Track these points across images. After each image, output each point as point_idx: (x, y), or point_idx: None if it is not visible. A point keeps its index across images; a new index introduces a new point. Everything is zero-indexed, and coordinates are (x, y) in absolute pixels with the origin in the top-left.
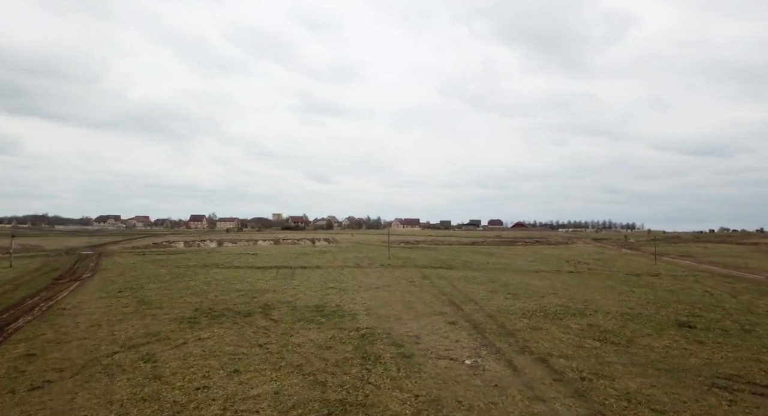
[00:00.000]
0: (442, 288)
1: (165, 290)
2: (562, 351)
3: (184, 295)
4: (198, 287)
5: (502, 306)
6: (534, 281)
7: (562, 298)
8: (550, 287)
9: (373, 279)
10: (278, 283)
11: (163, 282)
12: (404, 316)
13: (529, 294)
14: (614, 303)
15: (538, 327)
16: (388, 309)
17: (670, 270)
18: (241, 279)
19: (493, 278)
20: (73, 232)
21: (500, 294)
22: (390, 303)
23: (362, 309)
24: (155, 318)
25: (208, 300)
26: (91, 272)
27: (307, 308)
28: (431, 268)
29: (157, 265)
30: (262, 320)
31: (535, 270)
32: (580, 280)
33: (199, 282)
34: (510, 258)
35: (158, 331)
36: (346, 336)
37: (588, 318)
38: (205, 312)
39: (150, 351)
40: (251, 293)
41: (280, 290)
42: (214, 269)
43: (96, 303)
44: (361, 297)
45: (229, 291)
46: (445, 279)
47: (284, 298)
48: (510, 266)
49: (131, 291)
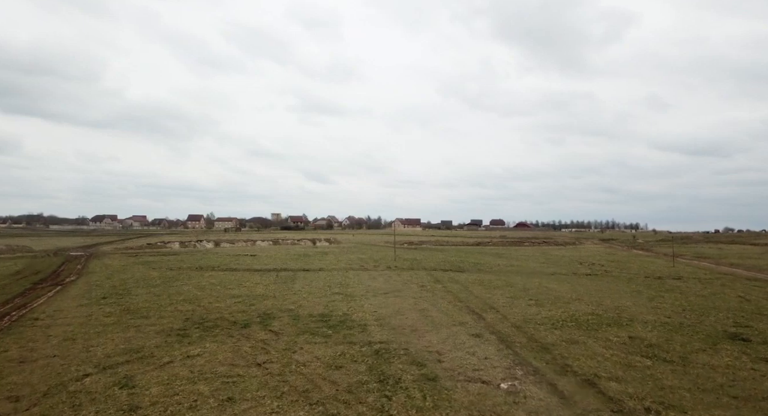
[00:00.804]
0: (456, 293)
1: (154, 296)
2: (611, 372)
3: (175, 302)
4: (190, 292)
5: (527, 315)
6: (553, 285)
7: (590, 305)
8: (572, 292)
9: (381, 283)
10: (278, 288)
11: (153, 287)
12: (421, 327)
13: (552, 300)
14: (648, 311)
15: (573, 340)
16: (402, 319)
17: (691, 273)
18: (238, 284)
19: (509, 282)
20: (67, 232)
21: (522, 301)
22: (402, 311)
23: (373, 318)
24: (139, 330)
25: (200, 307)
26: (76, 275)
27: (311, 317)
28: (441, 271)
29: (149, 268)
30: (260, 332)
31: (551, 272)
32: (602, 284)
33: (192, 286)
34: (520, 259)
35: (141, 347)
36: (358, 352)
37: (626, 328)
38: (197, 322)
39: (129, 373)
40: (249, 300)
41: (281, 296)
42: (209, 272)
43: (75, 312)
44: (370, 304)
45: (225, 298)
46: (459, 283)
47: (285, 306)
48: (523, 268)
49: (116, 298)
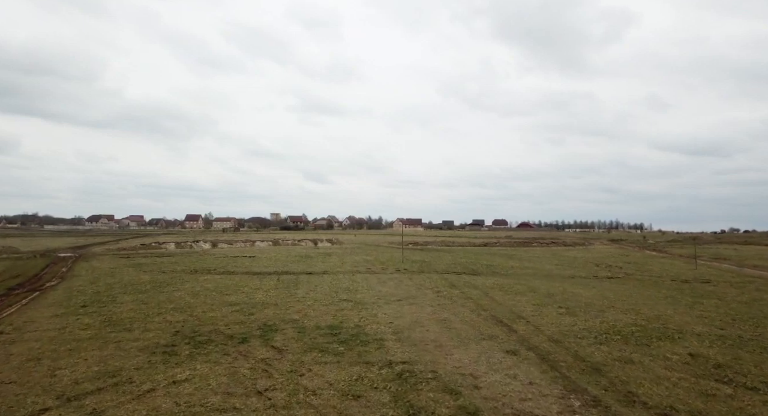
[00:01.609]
0: (477, 300)
1: (141, 304)
2: (688, 403)
3: (164, 311)
4: (183, 300)
5: (563, 326)
6: (578, 289)
7: (627, 313)
8: (601, 298)
9: (392, 288)
10: (280, 294)
11: (142, 293)
12: (446, 342)
13: (583, 308)
14: (694, 321)
15: (627, 359)
16: (423, 332)
17: (718, 276)
18: (235, 289)
19: (530, 286)
20: (62, 232)
21: (550, 309)
22: (422, 321)
23: (389, 331)
24: (120, 346)
25: (193, 318)
26: (59, 279)
27: (318, 330)
28: (454, 274)
29: (140, 271)
30: (261, 348)
31: (569, 275)
32: (629, 289)
33: (185, 292)
34: (533, 261)
35: (119, 369)
36: (377, 375)
37: (680, 343)
38: (188, 336)
39: (98, 407)
40: (247, 308)
41: (283, 303)
42: (204, 275)
43: (47, 324)
44: (383, 313)
45: (221, 306)
46: (476, 287)
47: (288, 315)
48: (539, 271)
49: (98, 306)
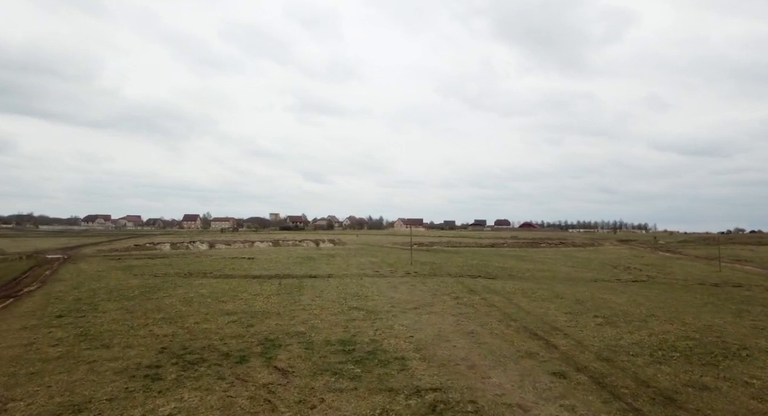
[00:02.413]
0: (502, 308)
1: (126, 313)
2: None
3: (151, 322)
4: (173, 308)
5: (607, 340)
6: (606, 295)
7: (673, 324)
8: (635, 305)
9: (405, 293)
10: (282, 301)
11: (128, 300)
12: (479, 361)
13: (622, 318)
14: (752, 333)
15: (700, 385)
16: (450, 348)
17: (747, 279)
18: (233, 295)
19: (555, 291)
20: (56, 233)
21: (586, 318)
22: (446, 335)
23: (411, 347)
24: (93, 368)
25: (183, 330)
26: (39, 283)
27: (328, 346)
28: (470, 278)
29: (129, 274)
30: (262, 370)
31: (592, 279)
32: (660, 294)
33: (176, 299)
34: (546, 262)
35: (87, 400)
36: (405, 407)
37: (752, 363)
38: (176, 354)
39: None
40: (246, 318)
41: (287, 312)
42: (199, 279)
43: (13, 339)
44: (400, 324)
45: (216, 315)
46: (497, 293)
47: (293, 327)
48: (558, 274)
49: (76, 316)
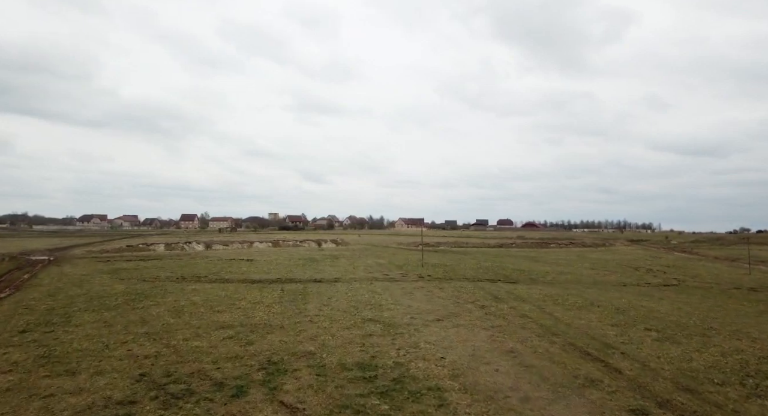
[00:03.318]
0: (536, 318)
1: (103, 327)
2: None
3: (132, 339)
4: (160, 320)
5: (675, 361)
6: (645, 302)
7: (741, 340)
8: (684, 314)
9: (423, 301)
10: (286, 311)
11: (108, 310)
12: (531, 391)
13: (675, 330)
14: None
15: None
16: (492, 373)
17: None
18: (229, 303)
19: (587, 297)
20: (49, 233)
21: (637, 331)
22: (482, 354)
23: (445, 372)
24: (48, 406)
25: (169, 350)
26: (13, 290)
27: (344, 370)
28: (489, 282)
29: (116, 278)
30: (264, 406)
31: (620, 282)
32: (702, 301)
33: (165, 308)
34: (562, 264)
35: None
36: None
37: None
38: (157, 383)
39: None
40: (245, 333)
41: (291, 325)
42: (192, 284)
43: None
44: (426, 341)
45: (209, 329)
46: (524, 300)
47: (300, 345)
48: (581, 277)
49: (43, 331)
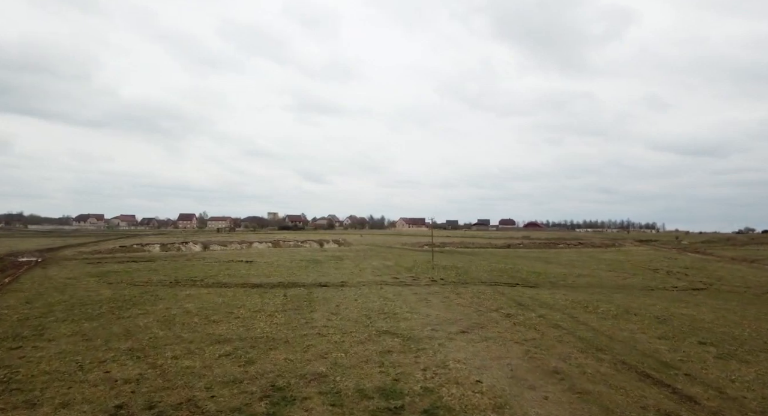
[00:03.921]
0: (572, 329)
1: (80, 341)
2: None
3: (111, 358)
4: (147, 333)
5: (754, 386)
6: (683, 309)
7: None
8: (734, 324)
9: (442, 309)
10: (290, 321)
11: (90, 320)
12: None
13: (733, 344)
14: None
15: None
16: (540, 402)
17: None
18: (227, 312)
19: (618, 303)
20: (44, 232)
21: (691, 345)
22: (522, 375)
23: (485, 401)
24: None
25: (155, 372)
26: None
27: (364, 399)
28: (507, 286)
29: (104, 282)
30: None
31: (646, 286)
32: (742, 307)
33: (153, 318)
34: (577, 266)
35: None
36: None
37: None
38: None
39: None
40: (244, 348)
41: (297, 339)
42: (187, 289)
43: None
44: (454, 358)
45: (203, 344)
46: (552, 307)
47: (309, 365)
48: (602, 280)
49: (9, 347)
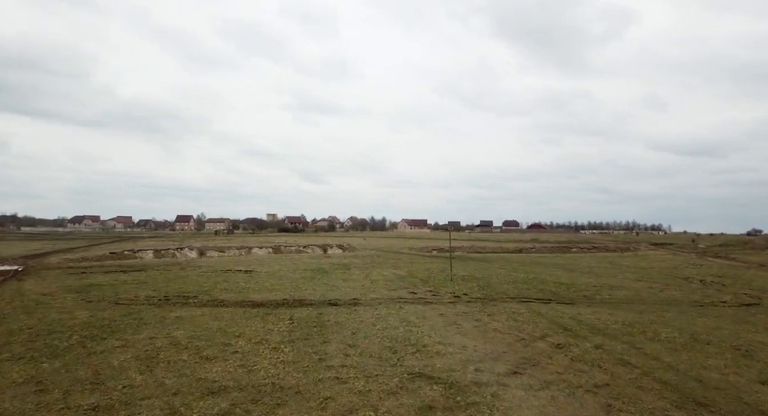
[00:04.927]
0: (647, 368)
1: (30, 395)
2: None
3: None
4: (121, 378)
5: None
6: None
7: None
8: None
9: (477, 336)
10: (300, 358)
11: (51, 358)
12: None
13: None
14: None
15: None
16: None
17: None
18: (223, 343)
19: (677, 325)
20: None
21: None
22: None
23: None
24: None
25: None
26: None
27: None
28: (540, 302)
29: (81, 300)
30: None
31: (690, 301)
32: None
33: (132, 355)
34: (602, 275)
35: None
36: None
37: None
38: None
39: None
40: (244, 405)
41: (311, 388)
42: (177, 309)
43: None
44: None
45: (191, 400)
46: (602, 332)
47: None
48: (639, 293)
49: None
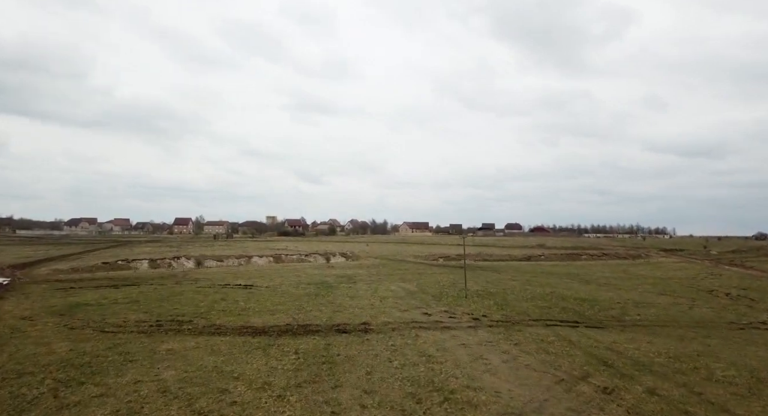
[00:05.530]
0: None
1: None
2: None
3: None
4: None
5: None
6: None
7: None
8: None
9: (508, 375)
10: (309, 408)
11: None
12: None
13: None
14: None
15: None
16: None
17: None
18: (219, 390)
19: (728, 359)
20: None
21: None
22: None
23: None
24: None
25: None
26: None
27: None
28: (567, 326)
29: (64, 326)
30: None
31: (727, 321)
32: None
33: (111, 410)
34: (621, 288)
35: None
36: None
37: None
38: None
39: None
40: None
41: None
42: (170, 340)
43: None
44: None
45: None
46: (649, 369)
47: None
48: (669, 311)
49: None
